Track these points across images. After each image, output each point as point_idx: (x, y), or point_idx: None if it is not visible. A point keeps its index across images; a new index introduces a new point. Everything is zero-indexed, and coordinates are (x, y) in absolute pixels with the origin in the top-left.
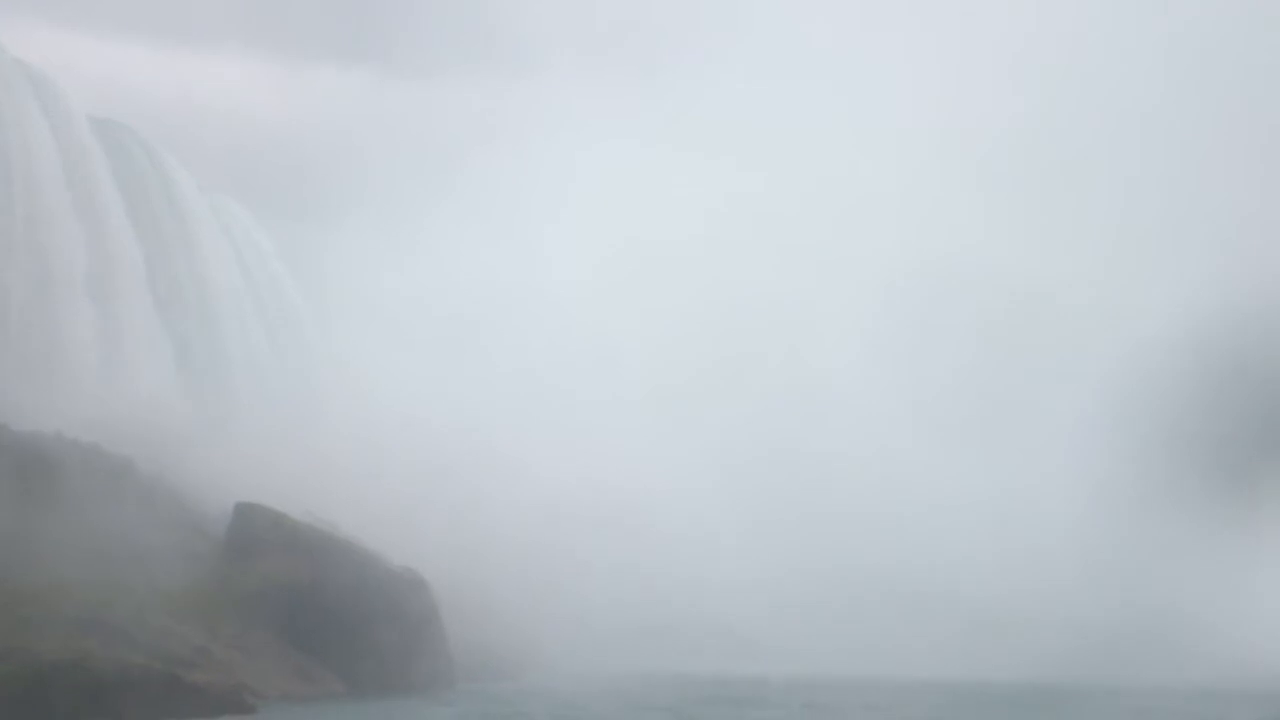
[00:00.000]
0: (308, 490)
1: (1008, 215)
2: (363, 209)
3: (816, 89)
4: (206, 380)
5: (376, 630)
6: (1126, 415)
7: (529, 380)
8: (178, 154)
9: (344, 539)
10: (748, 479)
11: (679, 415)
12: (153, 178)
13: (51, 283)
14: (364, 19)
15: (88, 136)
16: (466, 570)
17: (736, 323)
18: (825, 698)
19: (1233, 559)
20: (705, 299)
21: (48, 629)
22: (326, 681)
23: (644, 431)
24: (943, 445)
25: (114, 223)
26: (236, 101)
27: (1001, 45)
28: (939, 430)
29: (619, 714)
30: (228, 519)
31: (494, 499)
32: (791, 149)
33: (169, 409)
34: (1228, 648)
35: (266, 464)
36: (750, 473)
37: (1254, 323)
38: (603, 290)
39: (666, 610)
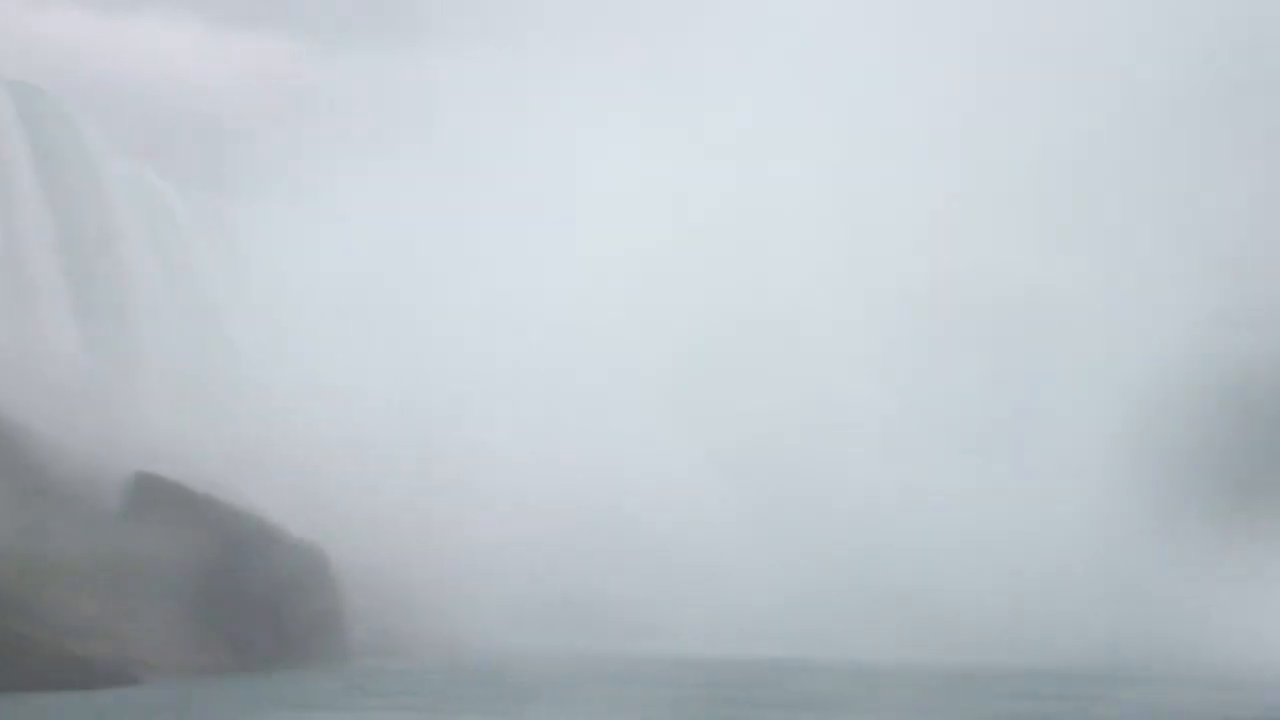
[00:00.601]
0: (212, 460)
1: (1021, 231)
2: (289, 181)
3: (828, 92)
4: (111, 345)
5: (273, 604)
6: (1139, 434)
7: (482, 363)
8: (98, 120)
9: (245, 511)
10: (746, 485)
11: (667, 406)
12: (66, 139)
13: None
14: None
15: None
16: (377, 548)
17: (739, 333)
18: (736, 676)
19: (1242, 571)
20: (708, 307)
21: None
22: (221, 655)
23: (631, 426)
24: (952, 462)
25: (23, 181)
26: (160, 68)
27: (1013, 54)
28: (948, 447)
29: (489, 690)
30: (126, 488)
31: (431, 483)
32: (800, 155)
33: (72, 375)
34: (1230, 645)
35: (170, 432)
36: (748, 479)
37: (1264, 339)
38: (588, 296)
39: (593, 592)
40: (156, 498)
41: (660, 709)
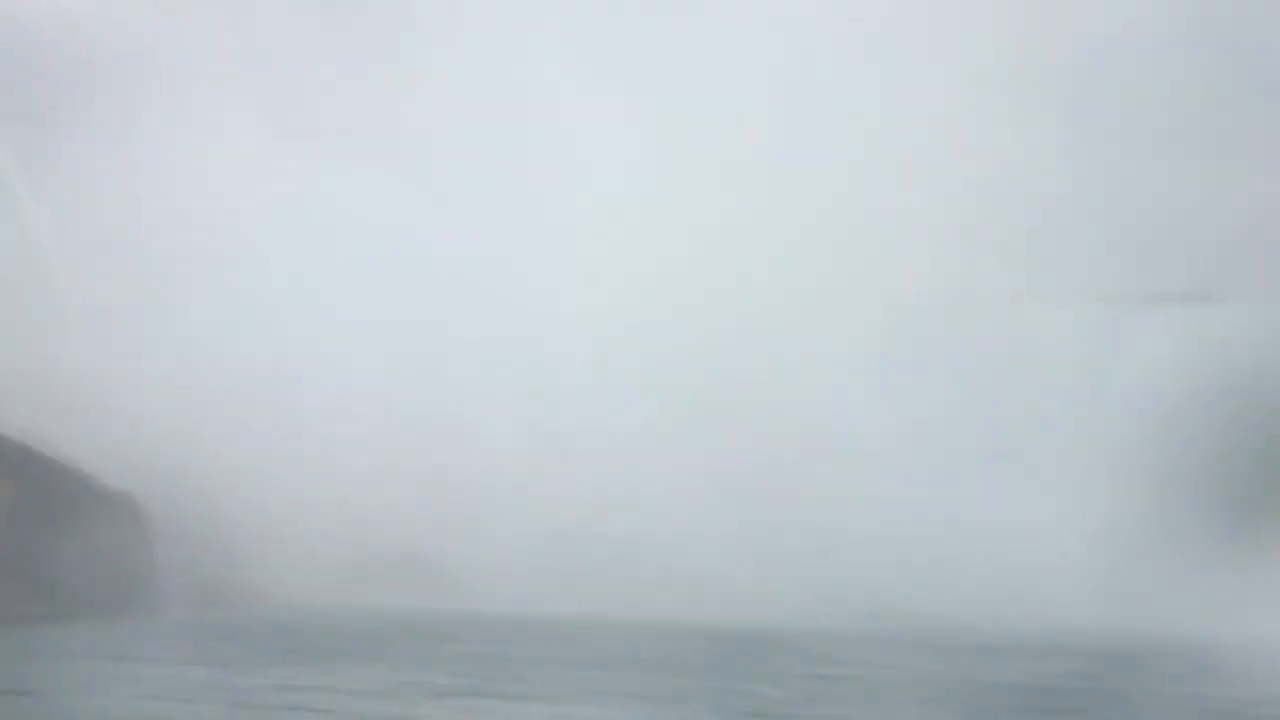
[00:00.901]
0: (27, 410)
1: (1018, 235)
2: (103, 116)
3: (822, 101)
4: None
5: (85, 554)
6: (1132, 450)
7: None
8: None
9: (57, 459)
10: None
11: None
12: None
13: None
14: None
15: None
16: (203, 503)
17: (725, 346)
18: (564, 635)
19: (1238, 592)
20: (696, 319)
21: None
22: (31, 604)
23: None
24: (944, 478)
25: None
26: None
27: (1014, 60)
28: (939, 463)
29: (302, 643)
30: None
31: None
32: (797, 163)
33: None
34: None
35: None
36: (693, 446)
37: (1258, 355)
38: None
39: (440, 554)
40: None
41: (461, 661)
